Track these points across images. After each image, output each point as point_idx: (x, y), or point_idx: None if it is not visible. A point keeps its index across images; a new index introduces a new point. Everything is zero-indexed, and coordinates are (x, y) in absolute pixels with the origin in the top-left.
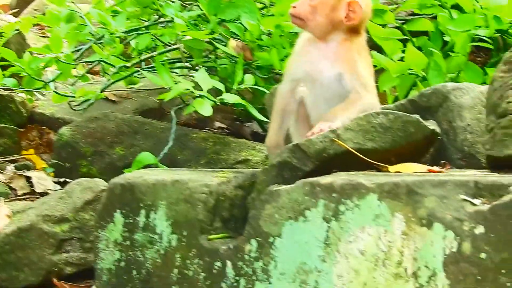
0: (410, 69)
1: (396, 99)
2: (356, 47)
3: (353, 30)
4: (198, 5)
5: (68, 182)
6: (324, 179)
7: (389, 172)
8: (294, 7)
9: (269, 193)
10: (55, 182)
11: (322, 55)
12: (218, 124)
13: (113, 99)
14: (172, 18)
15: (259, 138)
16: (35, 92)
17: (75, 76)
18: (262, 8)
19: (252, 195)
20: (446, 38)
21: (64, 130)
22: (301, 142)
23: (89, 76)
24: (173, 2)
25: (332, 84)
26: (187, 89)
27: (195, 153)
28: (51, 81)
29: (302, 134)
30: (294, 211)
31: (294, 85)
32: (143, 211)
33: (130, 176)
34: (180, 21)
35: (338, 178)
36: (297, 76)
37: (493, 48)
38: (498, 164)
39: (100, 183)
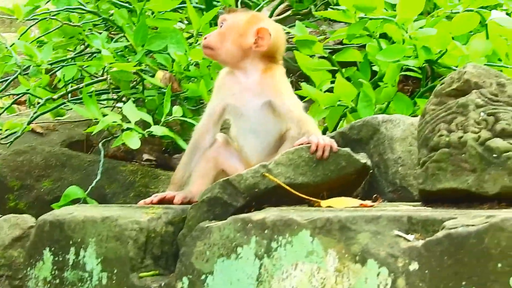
0: (340, 100)
1: (325, 130)
2: (278, 75)
3: (270, 59)
4: (125, 36)
5: None
6: (256, 215)
7: (321, 207)
8: (205, 38)
9: (200, 229)
10: None
11: (244, 86)
12: (146, 156)
13: (40, 131)
14: (99, 49)
15: None
16: None
17: (1, 107)
18: (189, 38)
19: (182, 231)
20: (375, 68)
21: None
22: (232, 177)
23: (15, 107)
24: (100, 33)
25: (259, 115)
26: (115, 122)
27: (124, 186)
28: None
29: (237, 168)
30: (226, 248)
31: (213, 120)
32: (72, 249)
33: (59, 212)
34: (107, 53)
35: (270, 214)
36: (217, 110)
37: (422, 78)
38: (430, 198)
39: (28, 219)
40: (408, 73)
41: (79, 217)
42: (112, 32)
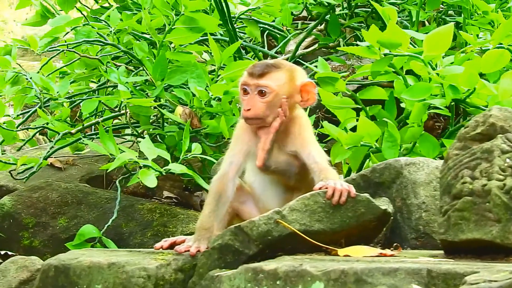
0: (363, 140)
1: (349, 171)
2: (304, 124)
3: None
4: (144, 69)
5: (9, 255)
6: (268, 265)
7: (338, 255)
8: (249, 109)
9: (210, 278)
10: None
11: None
12: (166, 193)
13: (58, 166)
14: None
15: None
16: None
17: (23, 139)
18: (211, 72)
19: (193, 279)
20: (404, 105)
21: (5, 200)
22: (244, 224)
23: (40, 138)
24: (117, 67)
25: (283, 163)
26: (131, 159)
27: (141, 225)
28: None
29: (252, 213)
30: None
31: (235, 169)
32: None
33: (64, 257)
34: (123, 88)
35: (283, 263)
36: (240, 158)
37: (451, 117)
38: (452, 249)
39: (36, 262)
40: (436, 111)
41: (85, 263)
42: (134, 65)
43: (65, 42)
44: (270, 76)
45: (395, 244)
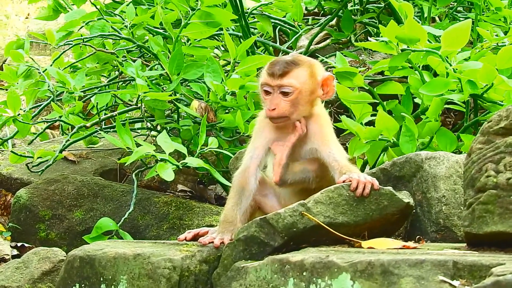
0: (381, 135)
1: (364, 164)
2: (324, 121)
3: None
4: (159, 64)
5: (26, 247)
6: (294, 257)
7: (362, 247)
8: (274, 109)
9: (236, 269)
10: (12, 247)
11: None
12: (180, 187)
13: (72, 159)
14: (133, 77)
15: (224, 202)
16: None
17: (34, 133)
18: (224, 65)
19: (217, 270)
20: (417, 101)
21: (22, 192)
22: (269, 216)
23: (49, 131)
24: (134, 60)
25: (302, 159)
26: (149, 153)
27: (157, 218)
28: (8, 139)
29: (274, 206)
30: None
31: (256, 163)
32: (103, 286)
33: (89, 248)
34: (141, 82)
35: (309, 255)
36: (261, 153)
37: (465, 112)
38: (476, 241)
39: (58, 253)
40: (451, 106)
41: (110, 254)
42: (146, 59)
43: (81, 36)
44: (291, 74)
45: (417, 236)
